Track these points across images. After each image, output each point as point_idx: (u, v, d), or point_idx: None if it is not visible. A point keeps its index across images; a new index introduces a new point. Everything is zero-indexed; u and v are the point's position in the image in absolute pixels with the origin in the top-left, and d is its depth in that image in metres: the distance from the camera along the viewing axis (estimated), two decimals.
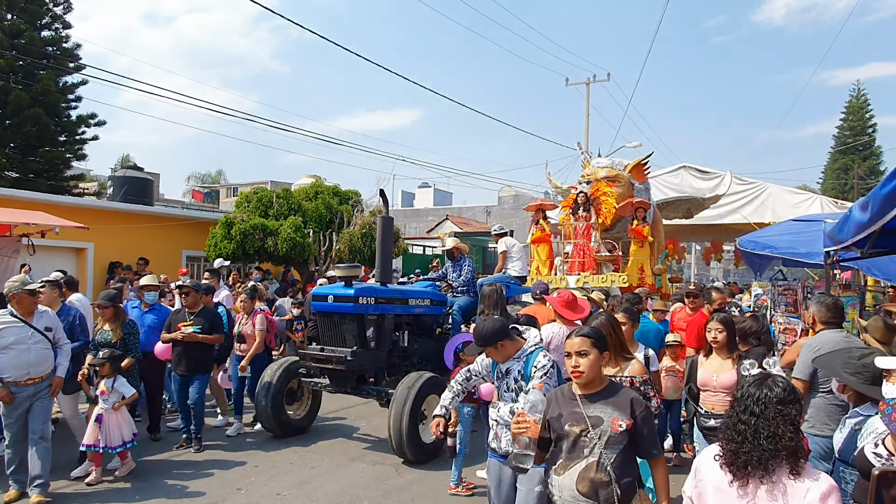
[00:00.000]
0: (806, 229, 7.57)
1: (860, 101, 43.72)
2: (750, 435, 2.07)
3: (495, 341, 3.45)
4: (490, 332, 3.48)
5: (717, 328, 4.37)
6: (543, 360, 3.40)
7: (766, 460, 2.02)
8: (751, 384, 2.21)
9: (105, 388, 5.63)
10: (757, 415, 2.09)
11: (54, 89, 19.14)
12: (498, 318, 3.61)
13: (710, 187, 14.54)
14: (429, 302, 7.74)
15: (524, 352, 3.50)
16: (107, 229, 12.73)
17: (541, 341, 3.56)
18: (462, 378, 3.86)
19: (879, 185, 2.45)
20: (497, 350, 3.49)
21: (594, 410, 2.71)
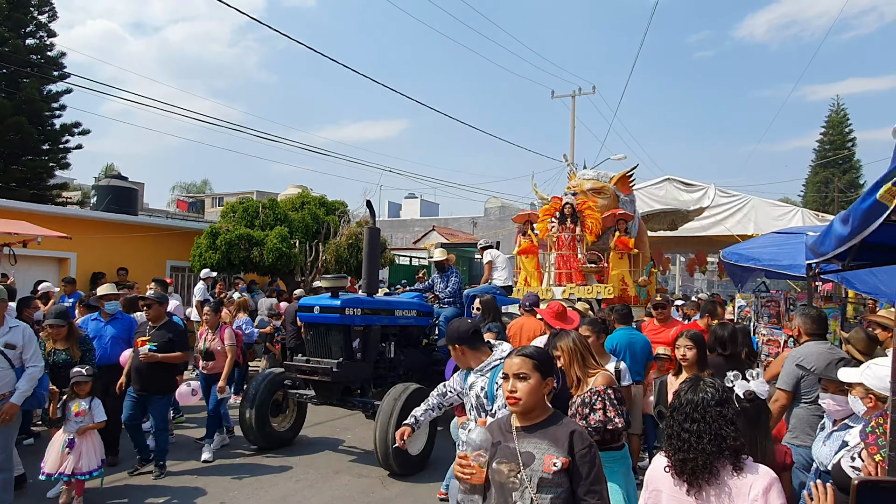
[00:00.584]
0: (788, 241, 7.65)
1: (839, 116, 44.52)
2: (694, 441, 2.12)
3: (454, 342, 3.28)
4: (453, 332, 3.30)
5: (687, 345, 4.18)
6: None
7: (712, 463, 2.08)
8: (685, 391, 2.28)
9: (81, 409, 5.15)
10: (698, 420, 2.15)
11: (38, 98, 18.98)
12: (470, 322, 3.44)
13: (694, 199, 14.71)
14: (415, 313, 7.73)
15: (488, 365, 3.22)
16: (90, 239, 12.58)
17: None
18: (438, 393, 3.70)
19: (860, 199, 2.49)
20: (456, 353, 3.32)
21: (528, 445, 2.25)
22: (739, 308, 8.47)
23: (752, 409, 2.99)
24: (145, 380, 5.89)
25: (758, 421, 2.98)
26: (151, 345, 5.87)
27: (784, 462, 3.03)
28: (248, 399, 6.85)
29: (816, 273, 5.48)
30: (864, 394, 2.74)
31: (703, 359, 4.19)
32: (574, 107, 25.52)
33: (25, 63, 18.46)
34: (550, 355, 2.57)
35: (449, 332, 3.34)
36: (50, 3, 20.19)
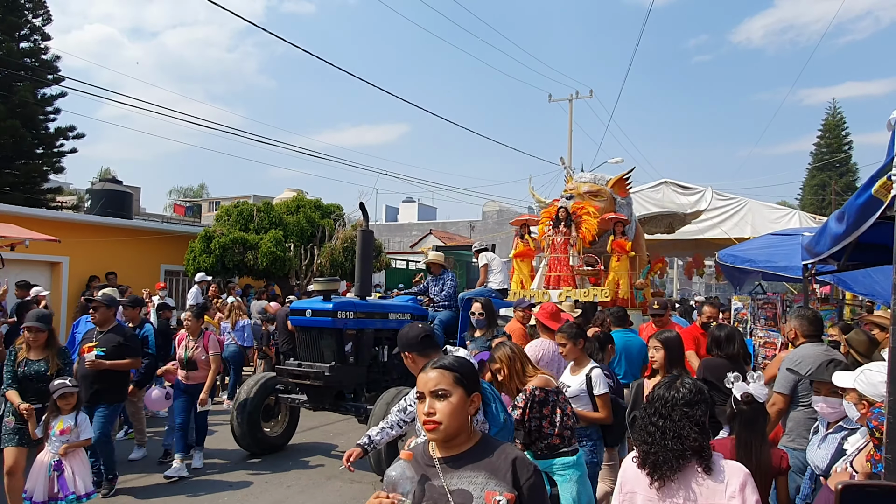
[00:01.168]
0: (784, 243, 7.62)
1: (836, 119, 44.62)
2: (658, 436, 2.16)
3: (404, 349, 3.06)
4: (403, 338, 3.05)
5: (655, 346, 4.00)
6: None
7: (673, 460, 2.10)
8: (660, 386, 2.32)
9: (67, 427, 4.58)
10: (665, 416, 2.19)
11: (32, 101, 18.90)
12: (422, 327, 3.19)
13: (691, 202, 14.65)
14: (409, 316, 7.64)
15: None
16: (83, 243, 12.50)
17: None
18: (398, 409, 3.38)
19: (855, 195, 2.44)
20: (407, 361, 3.10)
21: (459, 481, 1.81)
22: (736, 310, 8.41)
23: (749, 412, 2.93)
24: (92, 388, 5.43)
25: (754, 424, 2.93)
26: (99, 350, 5.45)
27: (780, 466, 2.96)
28: (239, 404, 6.77)
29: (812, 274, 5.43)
30: (857, 399, 2.68)
31: (676, 362, 3.98)
32: (571, 110, 25.53)
33: (19, 66, 18.40)
34: (473, 366, 2.11)
35: (399, 339, 3.13)
36: (44, 7, 20.15)
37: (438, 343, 3.18)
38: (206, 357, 6.37)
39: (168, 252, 14.50)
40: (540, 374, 3.55)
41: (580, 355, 4.30)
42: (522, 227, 10.67)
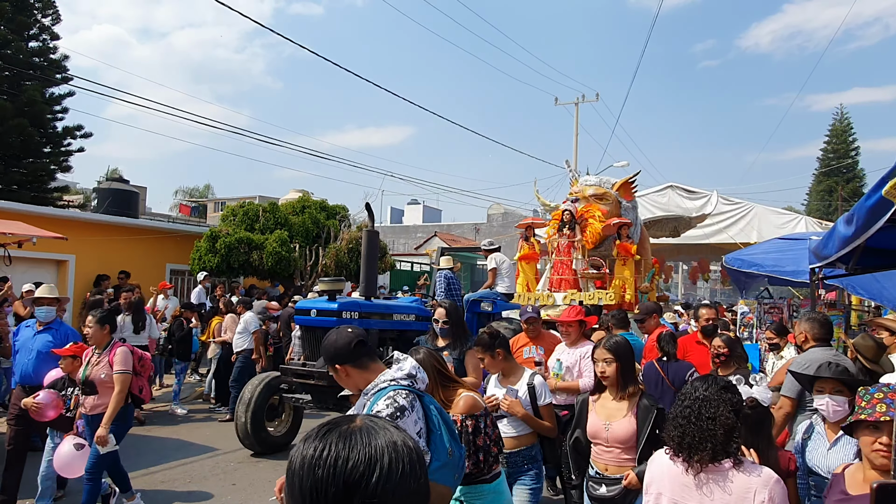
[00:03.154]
0: (792, 247, 7.58)
1: (843, 125, 44.42)
2: (694, 417, 2.19)
3: (332, 360, 2.52)
4: (330, 347, 2.52)
5: (604, 357, 3.32)
6: (383, 405, 2.26)
7: (707, 440, 2.13)
8: (696, 379, 2.38)
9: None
10: (700, 399, 2.23)
11: (40, 100, 18.98)
12: (352, 331, 2.58)
13: (696, 207, 14.63)
14: (414, 317, 7.64)
15: (375, 386, 2.41)
16: (89, 241, 12.54)
17: (408, 377, 2.42)
18: None
19: (864, 197, 2.42)
20: (339, 377, 2.56)
21: None
22: (742, 314, 8.37)
23: (754, 416, 2.91)
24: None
25: (760, 428, 2.91)
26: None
27: (788, 468, 2.94)
28: (243, 403, 6.77)
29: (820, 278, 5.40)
30: None
31: (628, 375, 3.34)
32: (577, 114, 25.49)
33: (28, 65, 18.49)
34: None
35: (325, 349, 2.55)
36: (53, 6, 20.24)
37: (371, 349, 2.65)
38: (108, 375, 4.76)
39: (174, 251, 14.53)
40: (465, 392, 3.05)
41: (507, 364, 3.83)
42: (527, 230, 10.67)
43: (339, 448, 0.90)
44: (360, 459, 0.89)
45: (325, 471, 0.88)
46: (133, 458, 6.62)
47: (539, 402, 3.66)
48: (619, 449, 3.22)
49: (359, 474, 0.88)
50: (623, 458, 3.22)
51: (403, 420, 2.23)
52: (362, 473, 0.88)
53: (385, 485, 0.88)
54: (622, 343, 3.40)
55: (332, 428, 0.95)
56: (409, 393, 2.34)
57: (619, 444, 3.21)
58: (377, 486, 0.88)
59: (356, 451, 0.90)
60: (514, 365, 3.88)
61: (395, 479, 0.89)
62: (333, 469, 0.88)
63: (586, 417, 3.41)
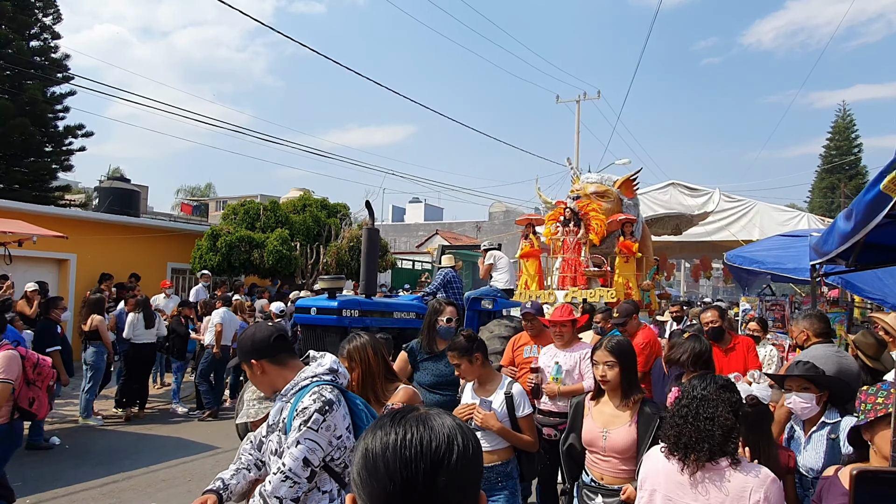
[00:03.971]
0: (793, 244, 7.56)
1: (846, 122, 44.32)
2: (691, 416, 2.17)
3: (247, 356, 2.34)
4: (246, 343, 2.36)
5: (606, 360, 3.06)
6: (309, 401, 2.18)
7: (704, 440, 2.11)
8: (694, 377, 2.35)
9: None
10: (699, 398, 2.20)
11: (41, 99, 18.99)
12: (272, 326, 2.44)
13: (698, 204, 14.57)
14: (414, 315, 7.62)
15: (295, 385, 2.28)
16: (90, 240, 12.56)
17: (329, 372, 2.33)
18: (251, 445, 2.52)
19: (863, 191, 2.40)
20: (253, 374, 2.37)
21: None
22: (744, 311, 8.35)
23: (754, 414, 2.90)
24: None
25: (760, 425, 2.89)
26: None
27: (787, 465, 2.93)
28: (243, 402, 6.76)
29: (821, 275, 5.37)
30: None
31: (631, 379, 3.08)
32: (579, 111, 25.44)
33: (29, 65, 18.50)
34: None
35: (241, 344, 2.39)
36: (54, 5, 20.24)
37: (292, 345, 2.48)
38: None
39: (175, 250, 14.55)
40: (404, 387, 2.93)
41: (485, 371, 3.55)
42: (527, 227, 10.65)
43: (421, 430, 0.99)
44: (441, 439, 0.99)
45: (412, 451, 0.97)
46: (133, 456, 6.64)
47: (518, 413, 3.38)
48: (617, 459, 2.97)
49: (442, 452, 0.97)
50: (621, 469, 2.98)
51: (332, 414, 2.17)
52: (444, 451, 0.98)
53: (462, 460, 0.99)
54: (625, 345, 3.14)
55: (404, 414, 1.04)
56: (334, 388, 2.27)
57: (616, 455, 2.97)
58: (458, 462, 0.98)
59: (435, 433, 1.00)
60: (491, 372, 3.61)
61: (470, 455, 1.00)
62: (420, 449, 0.97)
63: (582, 422, 3.12)
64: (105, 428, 7.97)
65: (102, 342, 8.13)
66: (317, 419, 2.14)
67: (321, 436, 2.14)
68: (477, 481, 1.03)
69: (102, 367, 8.20)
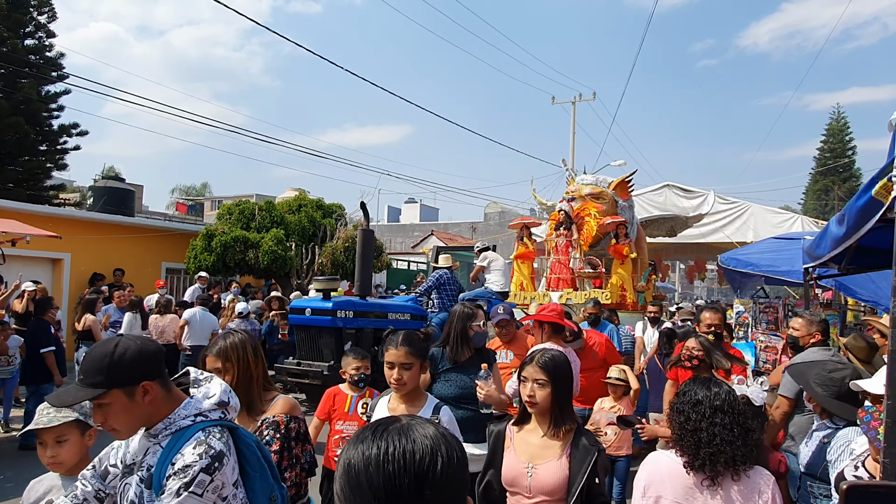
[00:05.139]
0: (787, 247, 7.58)
1: (840, 124, 44.52)
2: (726, 433, 2.08)
3: (137, 377, 1.72)
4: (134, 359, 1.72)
5: (537, 377, 2.47)
6: (193, 455, 1.68)
7: (740, 456, 2.06)
8: (696, 388, 2.23)
9: None
10: (728, 412, 2.12)
11: (36, 98, 18.91)
12: (139, 340, 1.81)
13: (693, 206, 14.64)
14: (409, 316, 7.64)
15: (171, 423, 1.76)
16: (84, 240, 12.51)
17: (219, 406, 1.82)
18: (91, 473, 2.03)
19: (855, 197, 2.41)
20: (128, 403, 1.73)
21: None
22: (738, 314, 8.37)
23: None
24: None
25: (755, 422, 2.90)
26: None
27: (778, 470, 2.94)
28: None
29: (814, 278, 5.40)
30: None
31: (563, 403, 2.49)
32: (574, 113, 25.49)
33: (24, 63, 18.42)
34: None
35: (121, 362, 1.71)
36: (49, 4, 20.14)
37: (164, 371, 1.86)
38: None
39: (169, 250, 14.51)
40: (283, 397, 2.50)
41: (418, 383, 2.96)
42: (522, 230, 10.67)
43: (404, 443, 0.95)
44: (424, 451, 0.95)
45: (395, 466, 0.93)
46: None
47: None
48: (546, 501, 2.38)
49: (426, 465, 0.94)
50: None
51: (222, 471, 1.70)
52: (429, 464, 0.94)
53: (448, 471, 0.95)
54: (560, 360, 2.54)
55: (386, 426, 1.00)
56: (223, 430, 1.78)
57: (545, 496, 2.38)
58: (442, 474, 0.95)
59: (419, 444, 0.96)
60: (421, 390, 3.05)
61: (455, 465, 0.97)
62: (403, 462, 0.93)
63: (502, 456, 2.54)
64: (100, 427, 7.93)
65: (95, 342, 8.10)
66: (202, 481, 1.66)
67: (206, 500, 1.67)
68: (463, 492, 1.00)
69: None
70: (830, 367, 3.10)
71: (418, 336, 2.95)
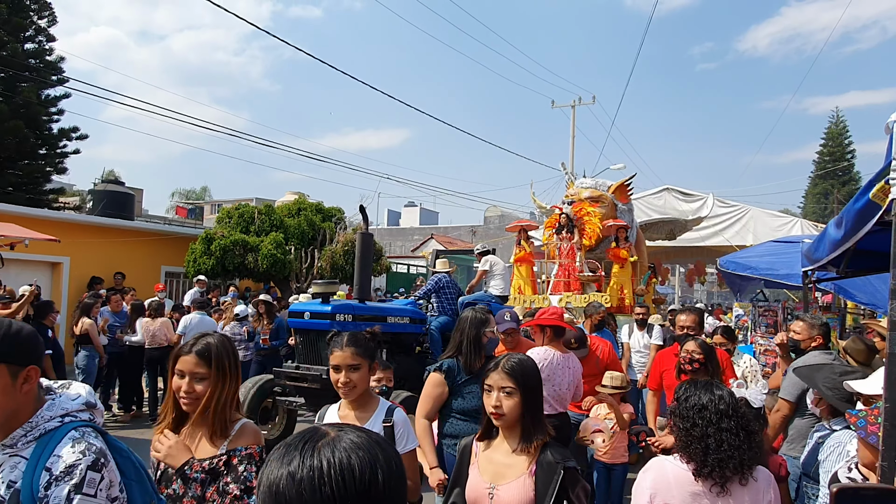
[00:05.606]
0: (786, 250, 7.58)
1: (839, 128, 44.63)
2: (733, 438, 2.07)
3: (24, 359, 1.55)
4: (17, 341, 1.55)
5: (503, 385, 2.19)
6: (73, 453, 1.51)
7: (748, 460, 2.06)
8: (700, 393, 2.21)
9: None
10: (732, 416, 2.12)
11: (36, 102, 18.93)
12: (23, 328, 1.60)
13: (692, 209, 14.63)
14: (408, 320, 7.62)
15: (33, 427, 1.55)
16: (84, 243, 12.51)
17: (86, 407, 1.65)
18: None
19: (853, 200, 2.41)
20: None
21: None
22: (737, 317, 8.38)
23: None
24: None
25: None
26: None
27: (779, 473, 2.93)
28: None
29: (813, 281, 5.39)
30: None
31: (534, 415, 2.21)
32: (574, 116, 25.53)
33: (24, 67, 18.44)
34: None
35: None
36: (50, 8, 20.19)
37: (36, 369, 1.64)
38: None
39: (169, 253, 14.51)
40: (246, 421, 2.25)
41: (368, 386, 2.70)
42: (520, 233, 10.66)
43: (338, 458, 0.83)
44: (363, 465, 0.83)
45: (333, 486, 0.81)
46: None
47: (400, 448, 2.54)
48: None
49: (367, 480, 0.83)
50: None
51: (109, 467, 1.56)
52: (370, 478, 0.83)
53: (390, 482, 0.85)
54: (528, 366, 2.26)
55: (313, 441, 0.86)
56: (96, 432, 1.61)
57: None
58: (385, 486, 0.84)
59: (354, 458, 0.83)
60: (372, 393, 2.76)
61: (395, 474, 0.86)
62: (342, 481, 0.81)
63: (467, 474, 2.30)
64: None
65: (94, 346, 8.09)
66: (92, 479, 1.48)
67: (100, 501, 1.50)
68: (404, 501, 0.90)
69: (94, 371, 8.16)
70: (840, 370, 3.10)
71: (364, 336, 2.71)
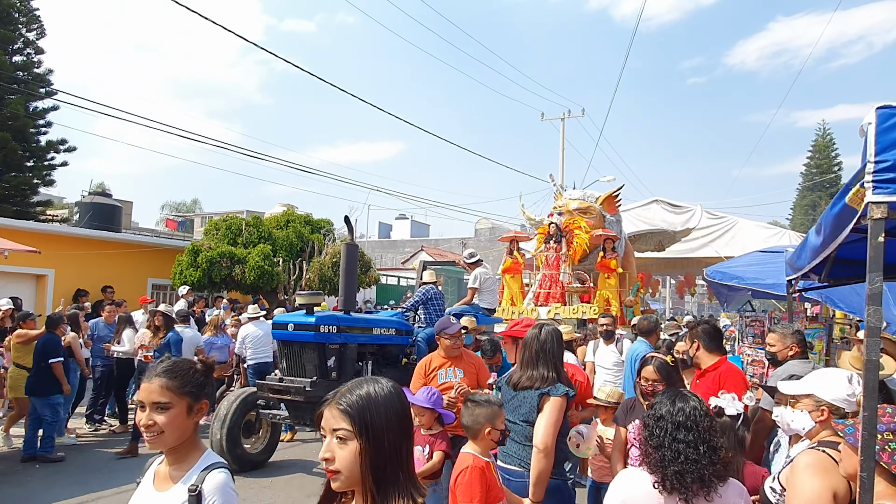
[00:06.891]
0: (772, 260, 7.59)
1: (826, 140, 45.06)
2: (691, 451, 2.02)
3: None
4: None
5: (338, 426, 1.41)
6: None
7: (709, 475, 2.00)
8: (664, 402, 2.17)
9: None
10: (691, 429, 2.07)
11: (23, 114, 18.83)
12: None
13: (681, 221, 14.68)
14: (394, 331, 7.54)
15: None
16: (69, 256, 12.38)
17: None
18: None
19: (830, 205, 2.39)
20: None
21: None
22: (724, 328, 8.37)
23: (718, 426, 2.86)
24: None
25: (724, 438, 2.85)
26: None
27: (757, 485, 2.88)
28: (218, 419, 6.63)
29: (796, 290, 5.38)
30: (813, 406, 2.57)
31: (382, 466, 1.42)
32: (563, 129, 25.65)
33: (12, 79, 18.35)
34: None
35: None
36: (38, 21, 20.17)
37: None
38: None
39: (155, 266, 14.39)
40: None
41: (190, 434, 2.12)
42: (512, 243, 10.66)
43: None
44: None
45: None
46: (105, 475, 6.47)
47: None
48: None
49: None
50: None
51: None
52: None
53: None
54: (383, 398, 1.49)
55: None
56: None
57: None
58: None
59: None
60: (198, 444, 2.02)
61: None
62: None
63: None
64: (79, 444, 7.80)
65: (76, 359, 7.96)
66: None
67: None
68: None
69: (76, 385, 8.03)
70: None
71: (189, 366, 1.99)
